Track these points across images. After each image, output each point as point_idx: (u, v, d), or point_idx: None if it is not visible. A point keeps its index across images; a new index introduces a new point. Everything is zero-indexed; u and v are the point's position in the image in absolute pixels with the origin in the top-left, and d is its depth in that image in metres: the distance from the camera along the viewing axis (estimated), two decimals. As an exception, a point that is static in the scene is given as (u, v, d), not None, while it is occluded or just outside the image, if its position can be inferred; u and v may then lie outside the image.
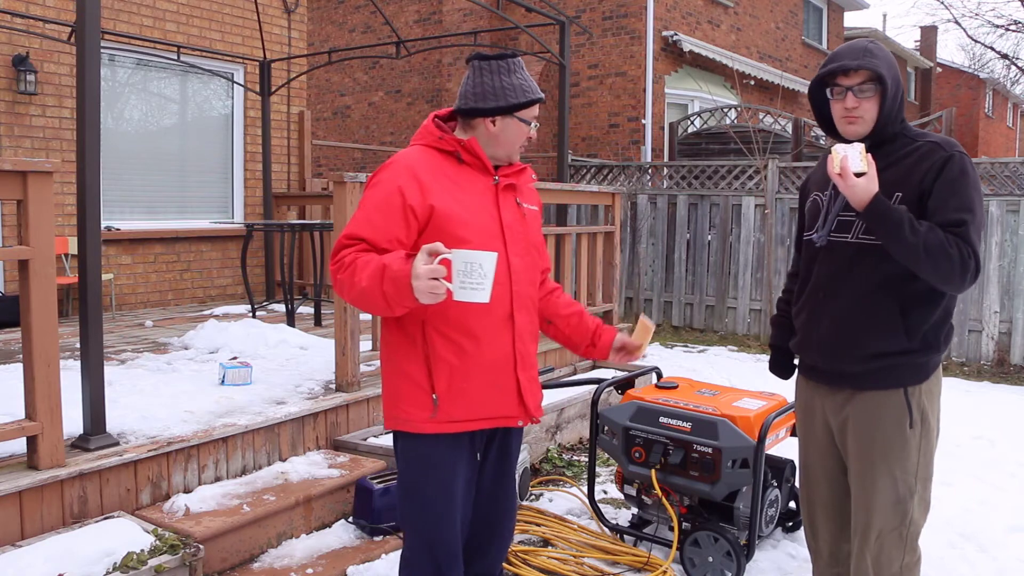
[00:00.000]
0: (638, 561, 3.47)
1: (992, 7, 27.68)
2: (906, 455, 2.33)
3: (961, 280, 2.19)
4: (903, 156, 2.32)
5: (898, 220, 2.17)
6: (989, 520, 4.09)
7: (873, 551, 2.37)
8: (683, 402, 3.52)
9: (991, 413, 6.35)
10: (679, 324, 9.94)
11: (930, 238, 2.15)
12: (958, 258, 2.16)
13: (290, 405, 4.03)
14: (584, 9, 12.92)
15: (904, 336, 2.30)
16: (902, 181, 2.28)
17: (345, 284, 2.08)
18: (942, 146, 2.28)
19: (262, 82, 8.26)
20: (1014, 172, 8.25)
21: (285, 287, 6.46)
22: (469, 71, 2.27)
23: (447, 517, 2.21)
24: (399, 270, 1.97)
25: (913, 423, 2.33)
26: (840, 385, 2.42)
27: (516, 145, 2.29)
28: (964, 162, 2.26)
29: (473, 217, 2.16)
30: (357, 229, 2.12)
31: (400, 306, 2.01)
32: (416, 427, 2.18)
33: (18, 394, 3.07)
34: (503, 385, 2.22)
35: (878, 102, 2.30)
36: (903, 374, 2.33)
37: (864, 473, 2.37)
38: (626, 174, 10.82)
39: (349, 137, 15.60)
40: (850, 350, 2.35)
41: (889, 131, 2.34)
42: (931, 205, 2.23)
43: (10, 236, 6.68)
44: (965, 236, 2.18)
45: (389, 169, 2.18)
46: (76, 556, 2.69)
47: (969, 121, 26.62)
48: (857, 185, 2.19)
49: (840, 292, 2.37)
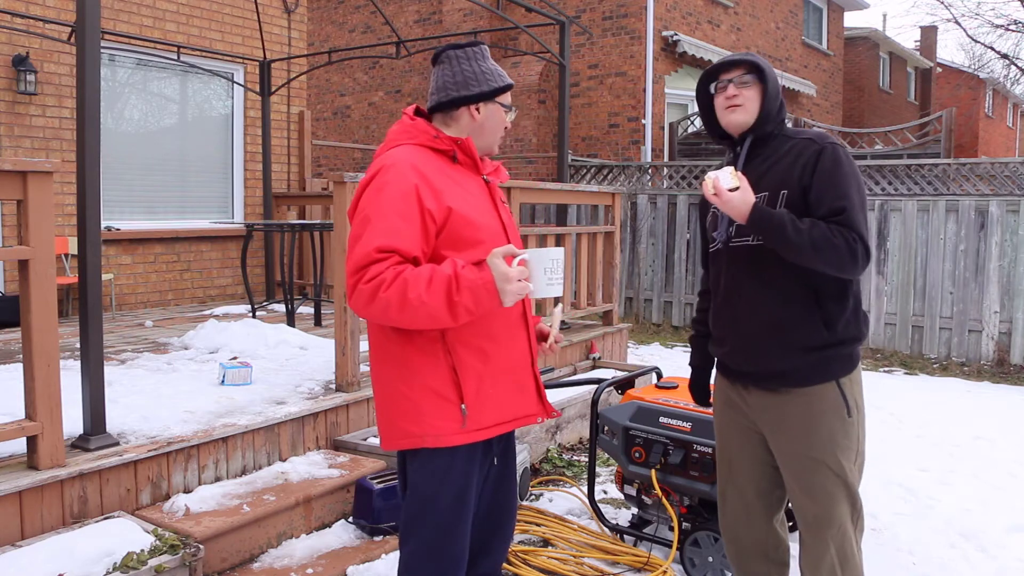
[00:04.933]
0: (638, 561, 3.47)
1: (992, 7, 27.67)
2: (848, 444, 2.38)
3: (853, 266, 2.24)
4: (783, 155, 2.39)
5: (780, 223, 2.23)
6: (989, 520, 4.09)
7: (837, 542, 2.40)
8: (683, 402, 3.51)
9: (991, 413, 6.35)
10: (679, 324, 9.94)
11: (814, 233, 2.21)
12: (845, 246, 2.21)
13: (290, 405, 4.03)
14: (584, 9, 12.92)
15: (824, 329, 2.34)
16: (785, 179, 2.34)
17: (393, 301, 1.92)
18: (815, 140, 2.36)
19: (262, 82, 8.27)
20: (1014, 172, 8.25)
21: (285, 287, 6.46)
22: (442, 64, 2.23)
23: (461, 527, 2.18)
24: (477, 278, 1.93)
25: (850, 412, 2.38)
26: (770, 385, 2.42)
27: (498, 135, 2.26)
28: (837, 152, 2.32)
29: (482, 217, 2.14)
30: (388, 240, 1.97)
31: (470, 315, 1.96)
32: (445, 440, 2.08)
33: (18, 394, 3.07)
34: (524, 384, 2.22)
35: (760, 94, 2.38)
36: (833, 367, 2.37)
37: (809, 469, 2.39)
38: (626, 174, 10.82)
39: (349, 137, 15.60)
40: (775, 348, 2.38)
41: (769, 127, 2.41)
42: (812, 199, 2.30)
43: (10, 236, 6.68)
44: (847, 222, 2.24)
45: (393, 171, 2.05)
46: (76, 556, 2.69)
47: (969, 121, 26.61)
48: (733, 199, 2.26)
49: (754, 293, 2.40)
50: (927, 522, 4.06)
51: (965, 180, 8.63)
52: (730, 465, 2.62)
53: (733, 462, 2.60)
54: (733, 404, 2.57)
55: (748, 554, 2.63)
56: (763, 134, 2.42)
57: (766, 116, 2.40)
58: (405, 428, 2.11)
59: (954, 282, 8.23)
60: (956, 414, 6.29)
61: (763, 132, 2.42)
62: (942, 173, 8.78)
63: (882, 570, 3.50)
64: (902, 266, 8.49)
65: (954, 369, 8.04)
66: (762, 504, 2.57)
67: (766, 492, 2.56)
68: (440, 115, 2.24)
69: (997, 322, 8.02)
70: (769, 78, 2.37)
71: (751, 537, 2.61)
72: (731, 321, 2.49)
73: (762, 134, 2.42)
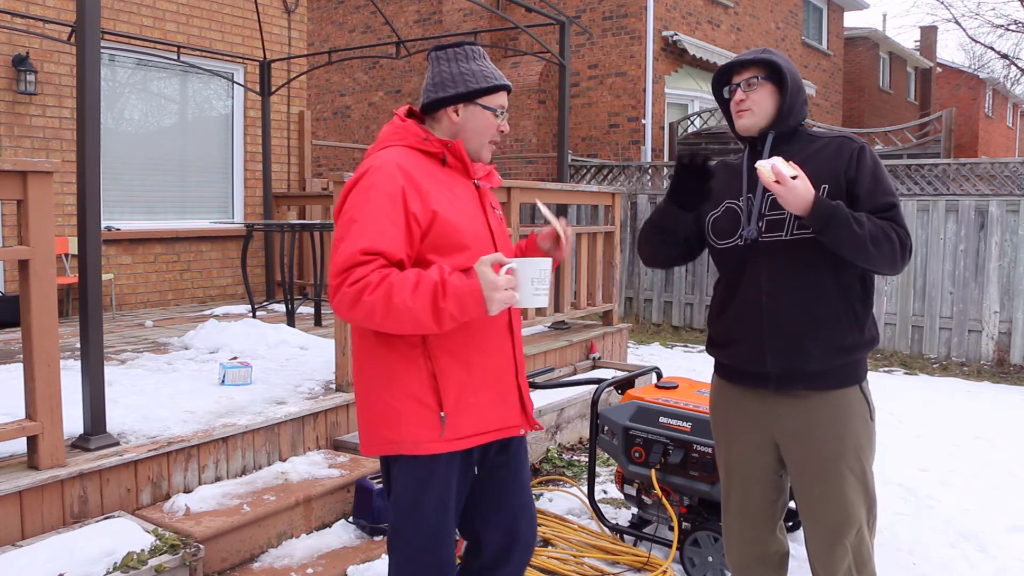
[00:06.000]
0: (638, 561, 3.47)
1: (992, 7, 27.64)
2: (870, 449, 2.37)
3: (903, 262, 2.24)
4: (815, 151, 2.34)
5: (844, 216, 2.17)
6: (989, 520, 4.09)
7: (854, 547, 2.36)
8: (683, 402, 3.52)
9: (991, 413, 6.35)
10: (679, 324, 9.94)
11: (872, 227, 2.18)
12: (898, 242, 2.20)
13: (290, 405, 4.03)
14: (584, 9, 12.92)
15: (856, 328, 2.32)
16: (824, 175, 2.29)
17: (377, 305, 1.90)
18: (852, 139, 2.34)
19: (262, 82, 8.27)
20: (1014, 172, 8.25)
21: (285, 287, 6.46)
22: (428, 65, 2.20)
23: (444, 533, 2.16)
24: (463, 285, 1.90)
25: (872, 415, 2.37)
26: (797, 387, 2.33)
27: (484, 138, 2.18)
28: (873, 152, 2.33)
29: (469, 222, 2.11)
30: (373, 243, 1.94)
31: (455, 322, 1.94)
32: (422, 448, 2.07)
33: (18, 394, 3.07)
34: (506, 395, 2.18)
35: (774, 94, 2.33)
36: (858, 370, 2.36)
37: (834, 474, 2.32)
38: (626, 174, 10.82)
39: (349, 137, 15.60)
40: (810, 349, 2.30)
41: (791, 124, 2.36)
42: (860, 193, 2.26)
43: (10, 236, 6.69)
44: (897, 219, 2.23)
45: (380, 173, 2.03)
46: (76, 556, 2.69)
47: (969, 121, 26.60)
48: (798, 187, 2.17)
49: (785, 292, 2.32)
50: (927, 522, 4.06)
51: (965, 180, 8.63)
52: (734, 473, 2.53)
53: (737, 470, 2.52)
54: (739, 410, 2.47)
55: (749, 560, 2.60)
56: (785, 130, 2.36)
57: (787, 112, 2.32)
58: (384, 434, 2.10)
59: (954, 282, 8.23)
60: (956, 414, 6.29)
61: (785, 128, 2.36)
62: (942, 173, 8.78)
63: (882, 570, 3.49)
64: (902, 266, 8.48)
65: (954, 369, 8.04)
66: (766, 512, 2.51)
67: (772, 500, 2.50)
68: (428, 117, 2.21)
69: (997, 322, 8.02)
70: (786, 74, 2.30)
71: (753, 543, 2.56)
72: (753, 322, 2.36)
73: (784, 130, 2.36)
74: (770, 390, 2.37)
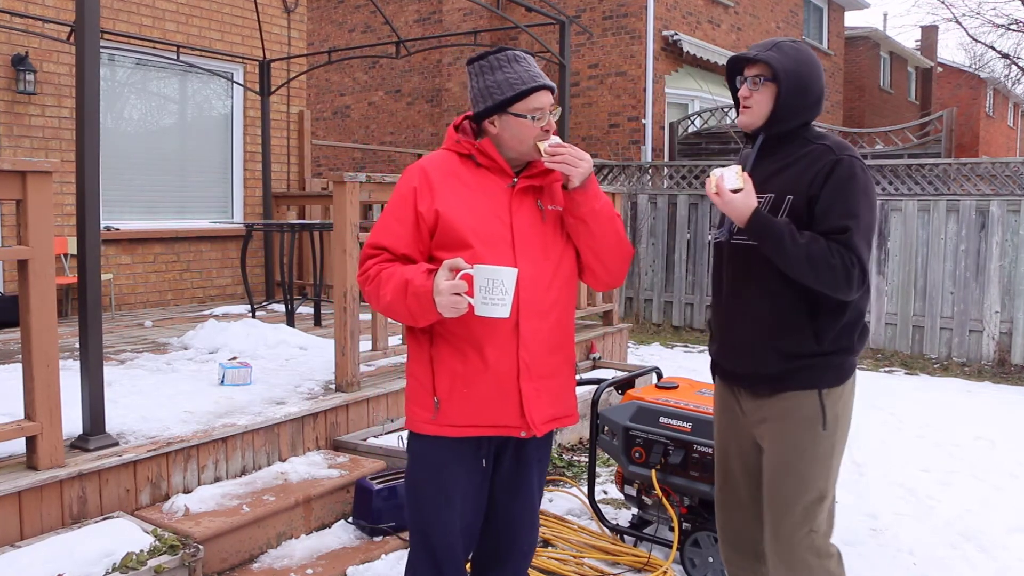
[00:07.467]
0: (638, 561, 3.47)
1: (993, 7, 27.66)
2: (816, 457, 2.32)
3: (847, 289, 2.17)
4: (798, 158, 2.31)
5: (778, 232, 2.16)
6: (989, 520, 4.08)
7: (784, 554, 2.36)
8: (683, 402, 3.51)
9: (992, 413, 6.35)
10: (679, 324, 9.94)
11: (812, 249, 2.14)
12: (841, 268, 2.14)
13: (290, 405, 4.02)
14: (584, 9, 12.91)
15: (813, 339, 2.28)
16: (794, 185, 2.27)
17: (372, 297, 2.14)
18: (833, 149, 2.26)
19: (262, 82, 8.26)
20: (1014, 172, 8.25)
21: (285, 287, 6.46)
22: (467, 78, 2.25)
23: (443, 519, 2.19)
24: (421, 285, 2.02)
25: (826, 425, 2.30)
26: (758, 387, 2.38)
27: (526, 143, 2.16)
28: (854, 166, 2.23)
29: (480, 222, 2.12)
30: (379, 238, 2.16)
31: (424, 319, 2.08)
32: (419, 427, 2.22)
33: (18, 394, 3.06)
34: (505, 394, 2.16)
35: (773, 96, 2.30)
36: (817, 376, 2.31)
37: (776, 474, 2.36)
38: (626, 174, 10.81)
39: (349, 137, 15.60)
40: (764, 352, 2.33)
41: (785, 128, 2.33)
42: (817, 211, 2.22)
43: (10, 236, 6.68)
44: (848, 243, 2.16)
45: (404, 175, 2.22)
46: (75, 556, 2.69)
47: (969, 120, 26.59)
48: (734, 200, 2.20)
49: (749, 294, 2.36)
50: (928, 522, 4.05)
51: (966, 180, 8.63)
52: (726, 468, 2.58)
53: (728, 465, 2.57)
54: (729, 406, 2.54)
55: (741, 555, 2.61)
56: (777, 134, 2.34)
57: (778, 117, 2.31)
58: (406, 406, 2.31)
59: (955, 282, 8.22)
60: (957, 414, 6.29)
61: (776, 132, 2.34)
62: (943, 173, 8.78)
63: (883, 570, 3.49)
64: (903, 266, 8.49)
65: (955, 369, 8.04)
66: (756, 508, 2.52)
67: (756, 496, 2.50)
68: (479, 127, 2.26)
69: (998, 322, 8.01)
70: (782, 80, 2.27)
71: (744, 539, 2.58)
72: (726, 319, 2.45)
73: (776, 134, 2.34)
74: (743, 388, 2.45)
